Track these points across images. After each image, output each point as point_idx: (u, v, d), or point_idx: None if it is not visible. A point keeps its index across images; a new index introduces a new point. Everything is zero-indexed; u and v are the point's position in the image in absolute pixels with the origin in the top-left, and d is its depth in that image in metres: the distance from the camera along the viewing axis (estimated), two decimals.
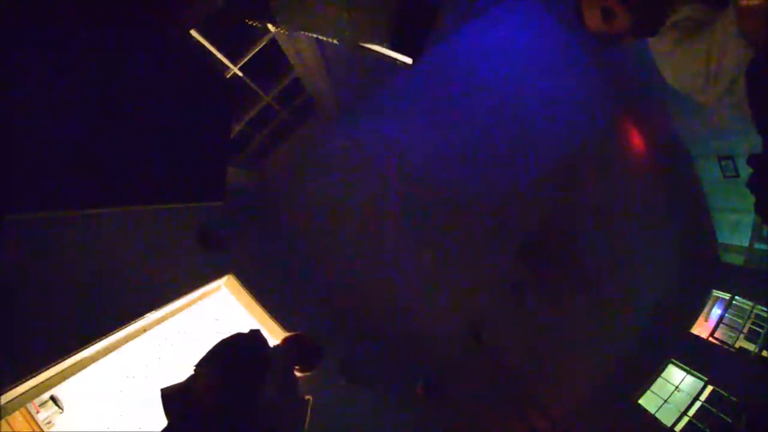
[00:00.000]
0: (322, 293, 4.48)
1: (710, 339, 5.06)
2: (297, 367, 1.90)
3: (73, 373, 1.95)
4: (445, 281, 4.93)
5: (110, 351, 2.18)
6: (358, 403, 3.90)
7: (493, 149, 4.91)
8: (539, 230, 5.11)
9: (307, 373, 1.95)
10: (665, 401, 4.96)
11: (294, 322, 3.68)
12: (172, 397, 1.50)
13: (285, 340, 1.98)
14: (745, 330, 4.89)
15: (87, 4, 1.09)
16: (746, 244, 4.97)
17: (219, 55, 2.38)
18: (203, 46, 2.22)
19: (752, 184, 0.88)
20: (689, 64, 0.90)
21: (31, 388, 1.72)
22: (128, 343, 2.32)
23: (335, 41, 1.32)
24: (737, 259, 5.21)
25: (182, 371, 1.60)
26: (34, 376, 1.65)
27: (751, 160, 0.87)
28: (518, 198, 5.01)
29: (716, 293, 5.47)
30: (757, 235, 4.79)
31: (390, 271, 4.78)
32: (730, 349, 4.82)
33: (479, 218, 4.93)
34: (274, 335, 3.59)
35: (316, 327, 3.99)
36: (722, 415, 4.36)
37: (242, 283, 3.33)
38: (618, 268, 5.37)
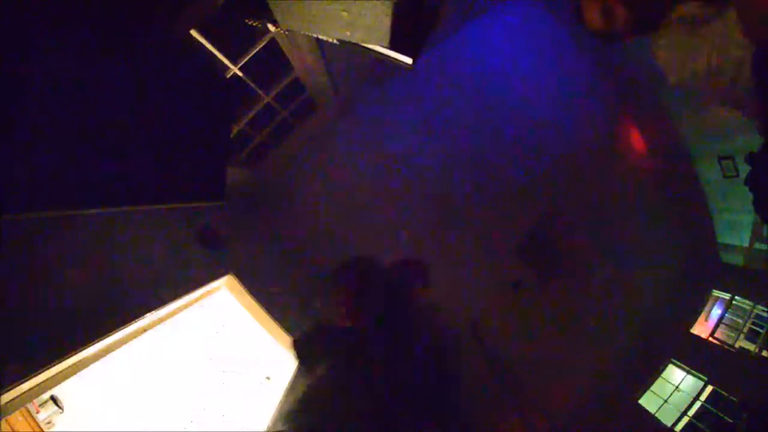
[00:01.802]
0: (323, 293, 4.47)
1: (710, 339, 5.06)
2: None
3: (73, 373, 1.95)
4: (445, 280, 4.92)
5: (110, 351, 2.18)
6: None
7: (493, 149, 4.91)
8: (539, 230, 5.11)
9: None
10: (665, 401, 4.96)
11: (294, 322, 3.68)
12: (311, 340, 1.41)
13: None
14: (745, 330, 4.89)
15: (87, 5, 1.09)
16: (746, 244, 4.96)
17: (219, 55, 2.38)
18: (203, 46, 2.22)
19: (751, 182, 0.88)
20: (690, 62, 0.90)
21: (31, 388, 1.71)
22: (128, 343, 2.32)
23: (335, 41, 1.32)
24: (737, 259, 5.20)
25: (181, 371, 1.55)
26: (34, 376, 1.65)
27: (750, 157, 0.87)
28: (518, 197, 5.01)
29: (716, 293, 5.47)
30: (757, 235, 4.79)
31: (391, 270, 4.77)
32: (730, 349, 4.82)
33: (479, 217, 4.93)
34: (274, 335, 3.59)
35: (316, 327, 3.98)
36: (722, 415, 4.36)
37: (242, 283, 3.33)
38: (618, 268, 5.37)
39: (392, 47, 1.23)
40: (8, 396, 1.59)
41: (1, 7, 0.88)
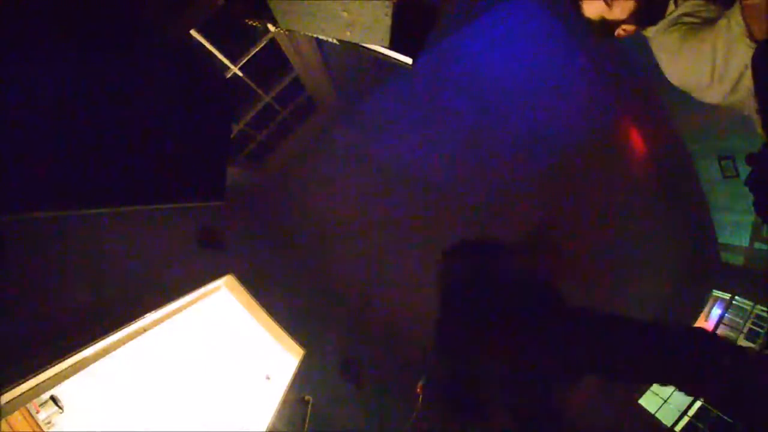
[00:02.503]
0: (323, 293, 4.48)
1: None
2: None
3: (73, 373, 1.95)
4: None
5: (110, 351, 2.18)
6: (359, 403, 3.90)
7: (493, 148, 4.91)
8: (539, 230, 5.11)
9: None
10: (665, 401, 4.96)
11: (294, 323, 3.68)
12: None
13: None
14: (745, 330, 4.89)
15: (88, 5, 1.09)
16: (746, 244, 4.96)
17: (219, 55, 2.38)
18: (203, 46, 2.22)
19: (751, 183, 0.88)
20: (694, 62, 0.89)
21: (31, 388, 1.71)
22: (128, 343, 2.32)
23: (335, 41, 1.32)
24: (737, 259, 5.20)
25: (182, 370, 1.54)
26: (34, 376, 1.65)
27: (750, 158, 0.87)
28: (517, 197, 5.01)
29: (716, 293, 5.46)
30: (757, 235, 4.78)
31: (390, 271, 4.78)
32: None
33: (479, 217, 4.93)
34: (274, 335, 3.59)
35: (316, 328, 3.99)
36: (722, 415, 4.36)
37: (242, 283, 3.33)
38: (618, 268, 5.36)
39: (392, 47, 1.23)
40: (8, 396, 1.59)
41: (0, 8, 0.88)
